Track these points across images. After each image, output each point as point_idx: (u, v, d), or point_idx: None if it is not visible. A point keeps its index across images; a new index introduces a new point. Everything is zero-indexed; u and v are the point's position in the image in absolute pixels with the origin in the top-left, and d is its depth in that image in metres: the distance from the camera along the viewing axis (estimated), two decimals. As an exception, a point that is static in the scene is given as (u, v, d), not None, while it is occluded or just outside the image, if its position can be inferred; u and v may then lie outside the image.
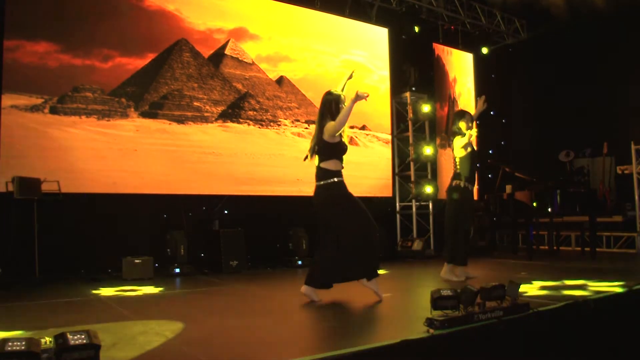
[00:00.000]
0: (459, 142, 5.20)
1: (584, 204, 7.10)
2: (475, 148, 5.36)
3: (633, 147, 8.12)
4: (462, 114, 5.35)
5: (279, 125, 7.61)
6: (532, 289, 4.34)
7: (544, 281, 4.75)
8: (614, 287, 4.23)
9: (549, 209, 6.81)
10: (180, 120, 6.77)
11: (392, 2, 8.88)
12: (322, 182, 4.05)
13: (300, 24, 8.05)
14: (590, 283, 4.51)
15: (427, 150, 8.69)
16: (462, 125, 5.27)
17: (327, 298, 4.06)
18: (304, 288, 3.97)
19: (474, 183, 5.36)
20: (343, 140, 4.17)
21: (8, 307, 3.93)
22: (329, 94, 4.29)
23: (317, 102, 7.94)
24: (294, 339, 2.88)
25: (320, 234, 4.22)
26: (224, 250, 6.27)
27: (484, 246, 8.52)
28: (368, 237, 3.98)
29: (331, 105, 4.20)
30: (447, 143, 5.50)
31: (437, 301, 2.91)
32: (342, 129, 4.06)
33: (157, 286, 5.13)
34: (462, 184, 5.20)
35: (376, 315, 3.47)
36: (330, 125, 4.05)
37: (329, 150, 4.06)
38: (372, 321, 3.28)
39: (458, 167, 5.26)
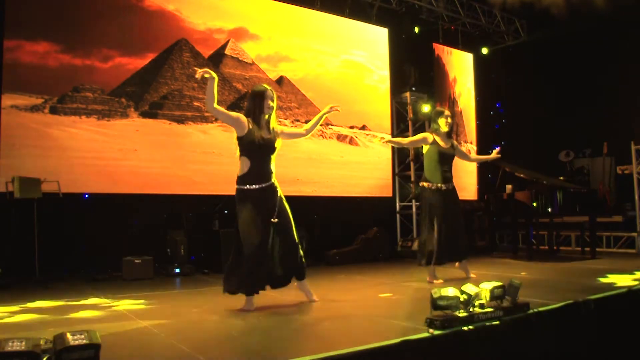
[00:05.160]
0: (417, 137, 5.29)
1: (584, 204, 7.10)
2: (446, 146, 5.13)
3: (633, 147, 8.11)
4: (441, 112, 5.18)
5: (279, 125, 7.61)
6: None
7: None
8: None
9: (549, 209, 6.81)
10: (180, 120, 6.77)
11: (392, 2, 8.88)
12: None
13: (300, 24, 8.05)
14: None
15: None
16: (441, 122, 5.12)
17: (327, 297, 4.06)
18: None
19: (440, 182, 5.05)
20: (262, 136, 3.74)
21: (8, 307, 3.92)
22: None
23: (317, 102, 8.07)
24: (293, 338, 2.88)
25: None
26: (224, 250, 6.26)
27: (484, 246, 8.52)
28: (251, 255, 3.63)
29: (254, 100, 3.83)
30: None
31: (437, 301, 2.91)
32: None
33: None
34: (425, 185, 5.09)
35: (376, 315, 3.47)
36: None
37: (238, 144, 3.76)
38: (373, 321, 3.28)
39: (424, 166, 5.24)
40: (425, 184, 5.11)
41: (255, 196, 3.71)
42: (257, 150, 3.73)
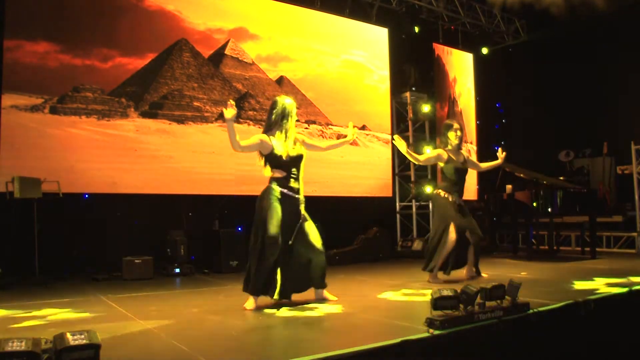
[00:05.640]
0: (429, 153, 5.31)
1: (584, 204, 7.10)
2: (459, 162, 5.20)
3: (633, 147, 8.11)
4: (450, 126, 5.21)
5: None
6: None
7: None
8: None
9: (549, 209, 6.81)
10: (180, 120, 6.77)
11: (392, 2, 8.88)
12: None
13: (300, 24, 8.05)
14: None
15: (427, 150, 8.69)
16: (451, 135, 5.16)
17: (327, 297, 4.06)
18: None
19: (455, 195, 5.14)
20: (289, 148, 3.90)
21: (8, 307, 3.93)
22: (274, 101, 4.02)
23: (317, 102, 8.07)
24: (293, 338, 2.88)
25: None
26: (223, 250, 6.27)
27: (484, 246, 8.51)
28: (261, 255, 3.77)
29: (280, 115, 3.93)
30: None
31: (437, 301, 2.91)
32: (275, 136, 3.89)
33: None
34: (441, 193, 5.15)
35: (376, 315, 3.47)
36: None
37: (266, 161, 3.93)
38: (373, 321, 3.28)
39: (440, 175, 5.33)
40: (441, 192, 5.17)
41: (288, 202, 3.87)
42: (288, 163, 3.89)
